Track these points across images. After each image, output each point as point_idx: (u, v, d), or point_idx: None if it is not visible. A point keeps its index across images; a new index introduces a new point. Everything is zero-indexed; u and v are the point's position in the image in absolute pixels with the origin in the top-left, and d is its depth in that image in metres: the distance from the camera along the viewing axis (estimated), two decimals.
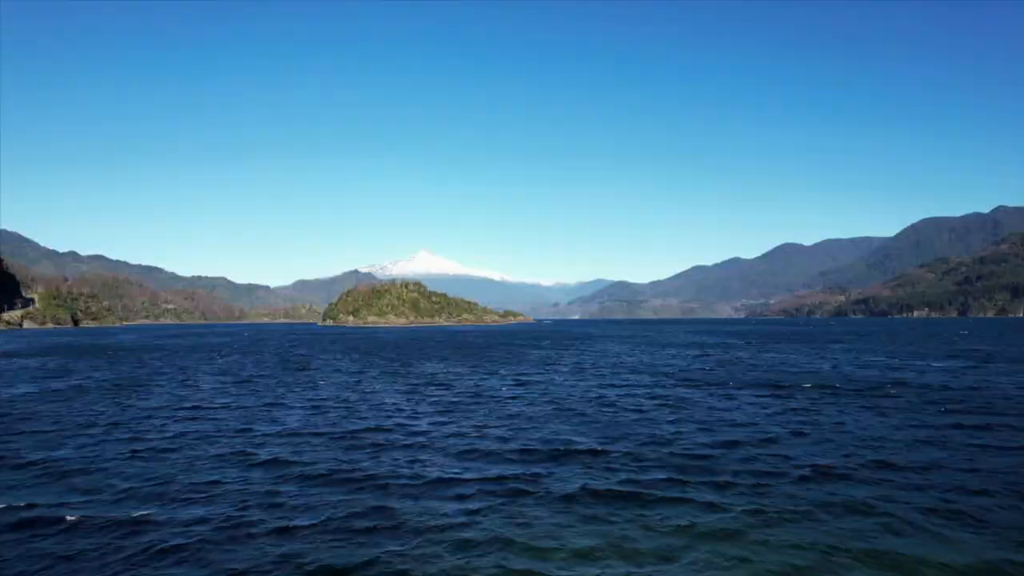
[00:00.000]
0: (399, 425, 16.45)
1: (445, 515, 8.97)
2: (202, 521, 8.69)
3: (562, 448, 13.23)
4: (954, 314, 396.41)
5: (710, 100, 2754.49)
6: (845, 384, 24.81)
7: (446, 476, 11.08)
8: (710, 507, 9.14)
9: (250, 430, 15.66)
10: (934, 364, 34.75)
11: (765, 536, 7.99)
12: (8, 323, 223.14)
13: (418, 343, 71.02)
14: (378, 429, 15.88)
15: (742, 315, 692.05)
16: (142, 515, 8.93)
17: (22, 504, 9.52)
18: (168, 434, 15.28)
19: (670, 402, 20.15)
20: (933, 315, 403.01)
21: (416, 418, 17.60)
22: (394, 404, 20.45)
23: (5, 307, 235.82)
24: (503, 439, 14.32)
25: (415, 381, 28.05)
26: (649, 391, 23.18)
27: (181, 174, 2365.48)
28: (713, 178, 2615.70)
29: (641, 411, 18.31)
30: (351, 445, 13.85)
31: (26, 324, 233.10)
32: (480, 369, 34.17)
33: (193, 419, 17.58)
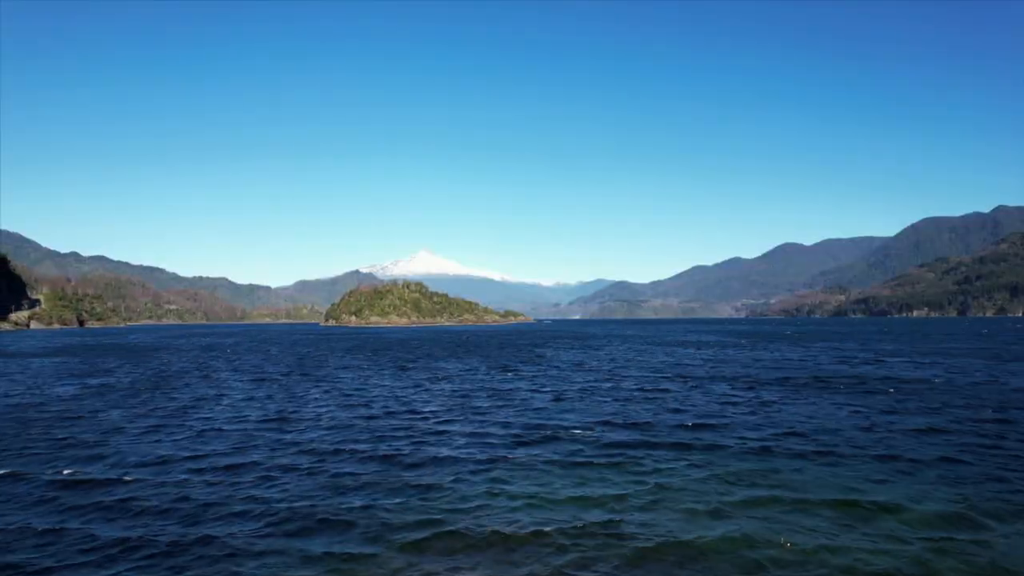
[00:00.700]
0: (417, 412, 19.17)
1: (464, 472, 11.70)
2: (273, 481, 11.38)
3: (557, 428, 15.94)
4: (953, 314, 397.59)
5: (710, 100, 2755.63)
6: (811, 378, 27.51)
7: (463, 448, 13.83)
8: (660, 470, 11.82)
9: (291, 418, 18.36)
10: (901, 360, 37.40)
11: (700, 487, 10.67)
12: (16, 323, 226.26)
13: (424, 343, 73.76)
14: (400, 414, 18.60)
15: (743, 315, 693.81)
16: (233, 476, 11.64)
17: (140, 465, 12.24)
18: (221, 419, 17.98)
19: (651, 394, 22.85)
20: (933, 315, 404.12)
21: (431, 406, 20.31)
22: (410, 395, 23.16)
23: (13, 308, 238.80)
24: (508, 423, 17.02)
25: (426, 376, 30.81)
26: (636, 384, 25.88)
27: (181, 175, 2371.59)
28: (713, 178, 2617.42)
29: (625, 400, 21.00)
30: (380, 428, 16.55)
31: (33, 325, 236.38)
32: (484, 365, 36.88)
33: (240, 409, 20.24)
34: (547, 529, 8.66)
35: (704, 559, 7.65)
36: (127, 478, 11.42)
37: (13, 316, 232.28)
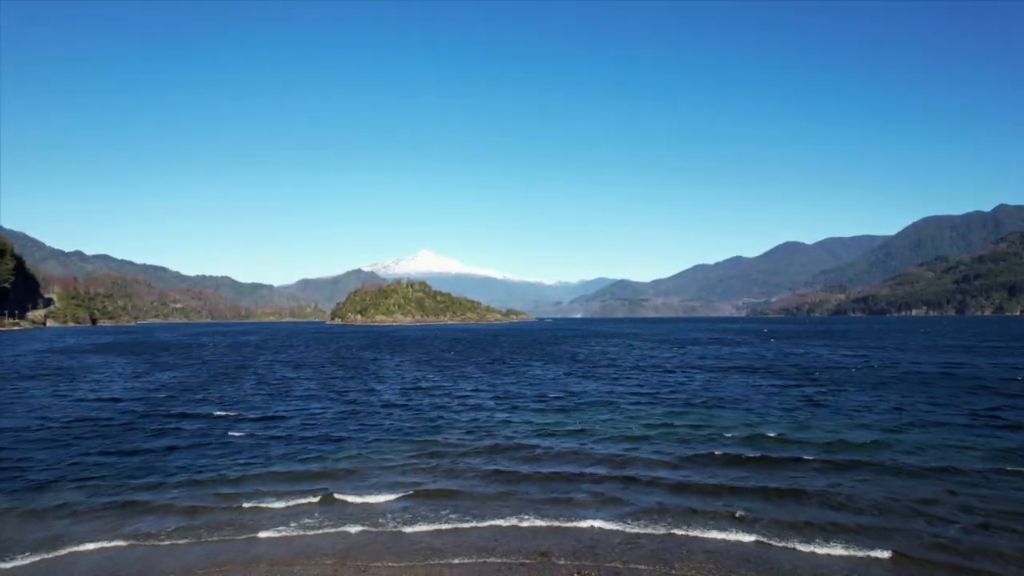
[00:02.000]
0: (451, 387, 26.11)
1: (489, 414, 18.90)
2: (375, 419, 18.27)
3: (542, 396, 22.89)
4: (952, 313, 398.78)
5: (712, 99, 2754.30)
6: (758, 365, 34.29)
7: (488, 403, 21.03)
8: (601, 416, 18.68)
9: (362, 388, 25.20)
10: (844, 352, 44.14)
11: (622, 423, 17.47)
12: (33, 322, 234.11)
13: (437, 340, 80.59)
14: (439, 389, 25.57)
15: (743, 313, 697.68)
16: (346, 419, 18.55)
17: (284, 416, 19.10)
18: (312, 393, 24.86)
19: (622, 377, 29.75)
20: (932, 314, 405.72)
21: (464, 382, 27.21)
22: (447, 379, 30.07)
23: (29, 306, 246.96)
24: (510, 392, 23.90)
25: (448, 363, 37.78)
26: (615, 371, 32.80)
27: (183, 173, 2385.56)
28: (715, 177, 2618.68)
29: (600, 379, 27.85)
30: (431, 395, 23.59)
31: (49, 323, 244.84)
32: (496, 357, 43.77)
33: (317, 389, 27.00)
34: (521, 438, 15.55)
35: (613, 459, 14.41)
36: (287, 421, 18.54)
37: (30, 315, 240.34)
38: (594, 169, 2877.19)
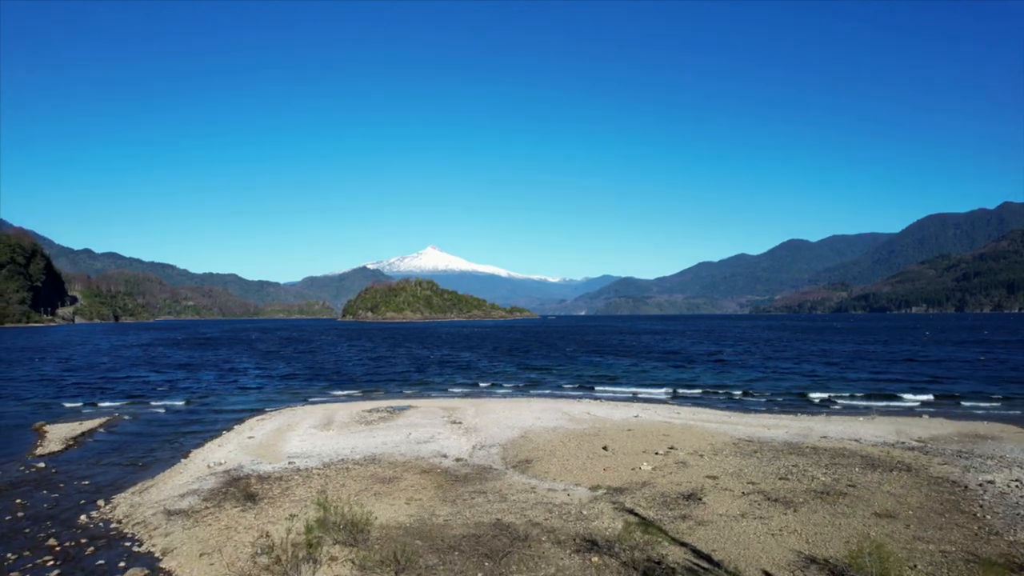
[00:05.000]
0: (485, 360, 36.25)
1: (525, 367, 29.10)
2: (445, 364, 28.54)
3: (555, 348, 32.98)
4: (951, 310, 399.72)
5: (716, 97, 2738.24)
6: (724, 348, 44.20)
7: (514, 365, 31.11)
8: (605, 370, 28.73)
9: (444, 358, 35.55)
10: (804, 340, 53.95)
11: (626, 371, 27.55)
12: (63, 318, 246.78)
13: (458, 335, 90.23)
14: (453, 359, 35.59)
15: (747, 311, 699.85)
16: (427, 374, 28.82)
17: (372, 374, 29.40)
18: (395, 353, 35.16)
19: (613, 361, 39.73)
20: (931, 311, 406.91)
21: (491, 360, 37.34)
22: (475, 358, 40.18)
23: (58, 304, 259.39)
24: (525, 358, 34.05)
25: (483, 349, 48.01)
26: (605, 353, 42.82)
27: (187, 173, 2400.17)
28: (720, 175, 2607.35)
29: (600, 355, 37.90)
30: (473, 359, 33.73)
31: (77, 319, 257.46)
32: (506, 349, 53.85)
33: (395, 359, 37.27)
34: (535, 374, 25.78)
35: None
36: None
37: (60, 311, 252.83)
38: (599, 167, 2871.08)
